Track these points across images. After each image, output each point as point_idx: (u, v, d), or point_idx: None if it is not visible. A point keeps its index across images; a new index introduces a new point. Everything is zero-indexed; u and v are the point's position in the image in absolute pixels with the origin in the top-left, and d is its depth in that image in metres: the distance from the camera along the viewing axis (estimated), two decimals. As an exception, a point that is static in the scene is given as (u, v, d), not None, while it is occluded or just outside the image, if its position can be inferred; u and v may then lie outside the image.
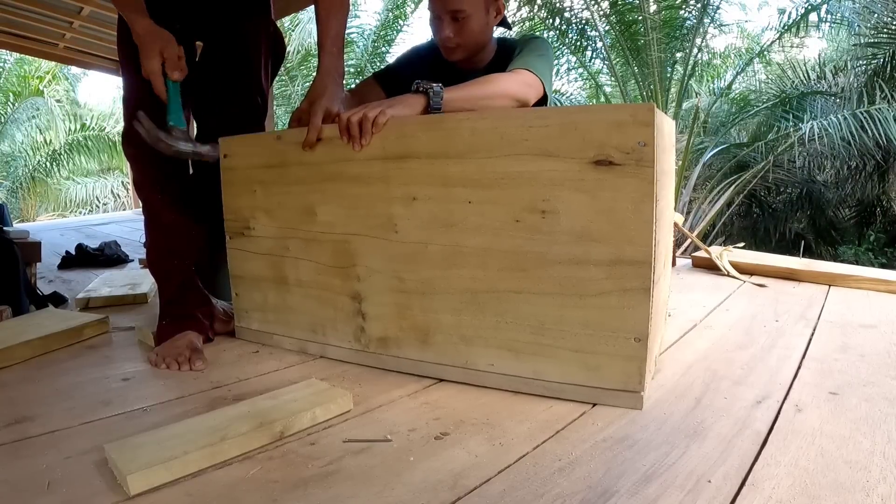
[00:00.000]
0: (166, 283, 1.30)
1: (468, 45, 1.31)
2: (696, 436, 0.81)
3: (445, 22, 1.29)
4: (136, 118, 1.10)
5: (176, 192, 1.28)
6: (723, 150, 6.24)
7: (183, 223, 1.28)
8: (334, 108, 1.12)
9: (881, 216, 6.97)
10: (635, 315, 0.86)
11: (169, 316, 1.25)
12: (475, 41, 1.31)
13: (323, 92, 1.13)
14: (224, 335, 1.34)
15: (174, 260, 1.28)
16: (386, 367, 1.10)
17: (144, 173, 1.26)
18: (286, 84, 8.63)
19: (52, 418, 0.90)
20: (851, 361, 1.09)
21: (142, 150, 1.17)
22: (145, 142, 1.11)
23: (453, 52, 1.33)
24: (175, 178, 1.28)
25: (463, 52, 1.33)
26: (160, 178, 1.25)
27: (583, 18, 6.05)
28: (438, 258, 1.00)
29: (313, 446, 0.81)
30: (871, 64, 5.80)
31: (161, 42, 1.06)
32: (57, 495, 0.68)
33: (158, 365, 1.13)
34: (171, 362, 1.12)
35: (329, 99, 1.12)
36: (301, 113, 1.15)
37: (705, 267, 2.02)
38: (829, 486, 0.67)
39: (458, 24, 1.27)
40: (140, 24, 1.06)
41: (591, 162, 0.85)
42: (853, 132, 5.07)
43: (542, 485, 0.69)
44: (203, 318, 1.27)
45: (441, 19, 1.30)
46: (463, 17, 1.26)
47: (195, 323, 1.24)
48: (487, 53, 1.38)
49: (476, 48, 1.33)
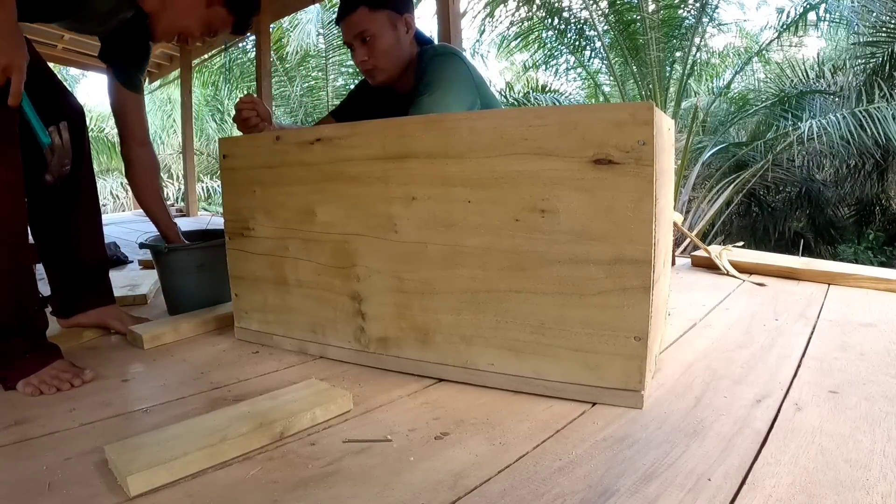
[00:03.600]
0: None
1: (384, 65, 1.33)
2: (696, 435, 0.81)
3: (357, 47, 1.32)
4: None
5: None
6: (722, 150, 6.25)
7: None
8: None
9: (880, 215, 6.98)
10: (635, 314, 0.86)
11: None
12: (390, 60, 1.33)
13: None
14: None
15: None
16: (386, 367, 1.10)
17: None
18: (285, 84, 8.64)
19: (52, 419, 0.90)
20: (851, 360, 1.09)
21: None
22: None
23: (374, 74, 1.35)
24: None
25: (383, 73, 1.35)
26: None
27: (581, 18, 6.05)
28: (438, 258, 1.00)
29: (313, 447, 0.81)
30: (870, 63, 5.81)
31: (14, 52, 0.94)
32: (57, 496, 0.68)
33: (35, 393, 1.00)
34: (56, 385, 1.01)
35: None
36: None
37: (705, 266, 2.02)
38: (829, 484, 0.67)
39: (367, 46, 1.31)
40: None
41: (590, 161, 0.86)
42: (852, 131, 5.07)
43: (542, 484, 0.69)
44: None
45: (353, 46, 1.33)
46: (370, 38, 1.29)
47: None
48: (412, 69, 1.39)
49: (395, 67, 1.35)
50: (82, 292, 1.35)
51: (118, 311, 1.40)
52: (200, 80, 9.39)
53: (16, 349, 1.03)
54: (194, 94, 7.07)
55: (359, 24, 1.30)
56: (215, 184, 10.06)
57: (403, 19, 1.33)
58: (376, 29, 1.29)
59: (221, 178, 1.31)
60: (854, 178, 6.72)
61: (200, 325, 1.39)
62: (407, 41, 1.35)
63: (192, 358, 1.21)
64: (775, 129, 6.06)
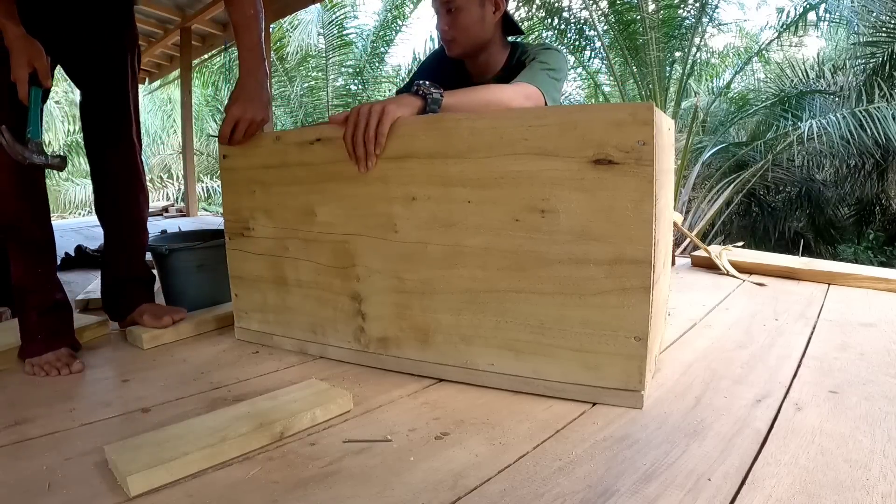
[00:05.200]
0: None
1: (463, 39, 1.32)
2: (696, 435, 0.81)
3: (441, 14, 1.31)
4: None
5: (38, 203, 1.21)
6: (722, 150, 6.24)
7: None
8: (250, 114, 1.15)
9: (880, 215, 6.97)
10: (635, 314, 0.86)
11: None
12: (470, 35, 1.31)
13: (242, 94, 1.16)
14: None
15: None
16: (386, 368, 1.10)
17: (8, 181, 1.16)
18: (285, 84, 8.64)
19: (53, 420, 0.90)
20: (851, 360, 1.09)
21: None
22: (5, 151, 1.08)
23: (450, 46, 1.34)
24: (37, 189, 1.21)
25: (459, 47, 1.33)
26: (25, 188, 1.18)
27: (581, 18, 6.05)
28: (438, 258, 1.00)
29: (313, 447, 0.81)
30: (870, 63, 5.80)
31: (32, 51, 1.06)
32: (57, 497, 0.69)
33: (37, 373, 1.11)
34: (49, 369, 1.11)
35: (245, 103, 1.15)
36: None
37: (705, 266, 2.02)
38: (829, 484, 0.67)
39: (451, 16, 1.29)
40: (12, 30, 1.04)
41: (590, 161, 0.86)
42: (852, 131, 5.07)
43: (542, 484, 0.69)
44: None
45: (438, 13, 1.32)
46: (455, 9, 1.28)
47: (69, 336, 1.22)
48: (494, 56, 1.37)
49: (473, 44, 1.33)
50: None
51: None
52: (200, 80, 9.38)
53: (32, 326, 1.16)
54: (194, 94, 7.07)
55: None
56: (215, 184, 10.05)
57: (493, 0, 1.31)
58: (463, 2, 1.29)
59: (221, 178, 1.31)
60: (854, 178, 6.72)
61: (200, 325, 1.39)
62: (492, 22, 1.33)
63: (192, 358, 1.21)
64: (775, 129, 6.06)
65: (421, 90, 1.05)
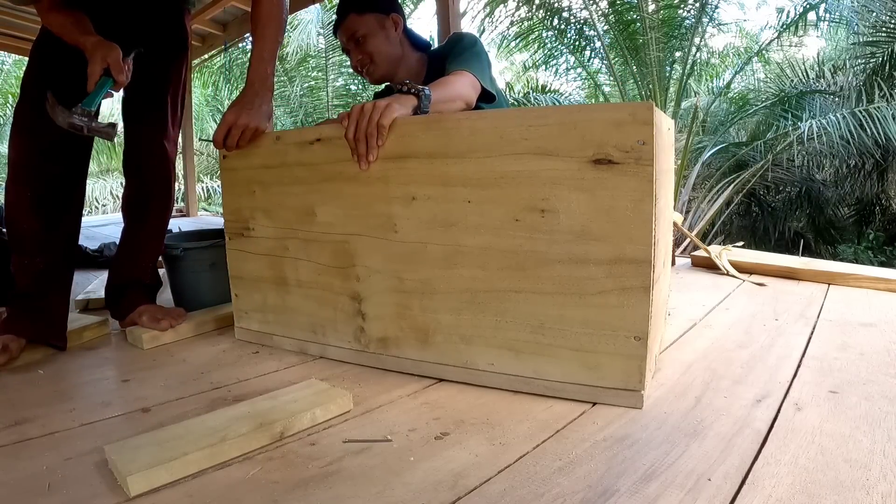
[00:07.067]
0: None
1: (379, 60, 1.45)
2: (695, 435, 0.81)
3: (352, 49, 1.46)
4: (45, 97, 1.13)
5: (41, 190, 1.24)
6: (722, 150, 6.24)
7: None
8: (244, 121, 1.17)
9: (880, 215, 6.97)
10: (635, 314, 0.86)
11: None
12: (383, 54, 1.44)
13: (240, 101, 1.19)
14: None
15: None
16: (386, 367, 1.10)
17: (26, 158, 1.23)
18: (285, 85, 8.63)
19: (52, 420, 0.90)
20: (851, 360, 1.09)
21: (27, 137, 1.21)
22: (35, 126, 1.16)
23: (372, 72, 1.47)
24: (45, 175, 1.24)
25: (379, 69, 1.46)
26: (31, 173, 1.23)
27: (581, 18, 6.05)
28: (438, 258, 1.00)
29: (313, 447, 0.81)
30: (870, 63, 5.80)
31: (105, 49, 1.12)
32: (57, 497, 0.69)
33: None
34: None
35: (240, 110, 1.17)
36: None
37: (705, 266, 2.02)
38: (829, 484, 0.67)
39: (361, 45, 1.43)
40: (89, 41, 1.12)
41: (590, 161, 0.86)
42: (852, 131, 5.06)
43: (542, 484, 0.69)
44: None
45: (349, 51, 1.47)
46: (362, 38, 1.42)
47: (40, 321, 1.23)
48: (413, 69, 1.49)
49: (388, 62, 1.45)
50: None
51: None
52: (200, 80, 9.38)
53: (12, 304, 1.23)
54: (194, 94, 7.07)
55: (350, 28, 1.44)
56: (215, 184, 10.05)
57: (391, 19, 1.45)
58: (366, 29, 1.42)
59: (221, 178, 1.31)
60: (854, 178, 6.72)
61: (200, 326, 1.39)
62: (397, 38, 1.47)
63: (192, 358, 1.21)
64: (775, 128, 6.06)
65: (413, 88, 1.07)
